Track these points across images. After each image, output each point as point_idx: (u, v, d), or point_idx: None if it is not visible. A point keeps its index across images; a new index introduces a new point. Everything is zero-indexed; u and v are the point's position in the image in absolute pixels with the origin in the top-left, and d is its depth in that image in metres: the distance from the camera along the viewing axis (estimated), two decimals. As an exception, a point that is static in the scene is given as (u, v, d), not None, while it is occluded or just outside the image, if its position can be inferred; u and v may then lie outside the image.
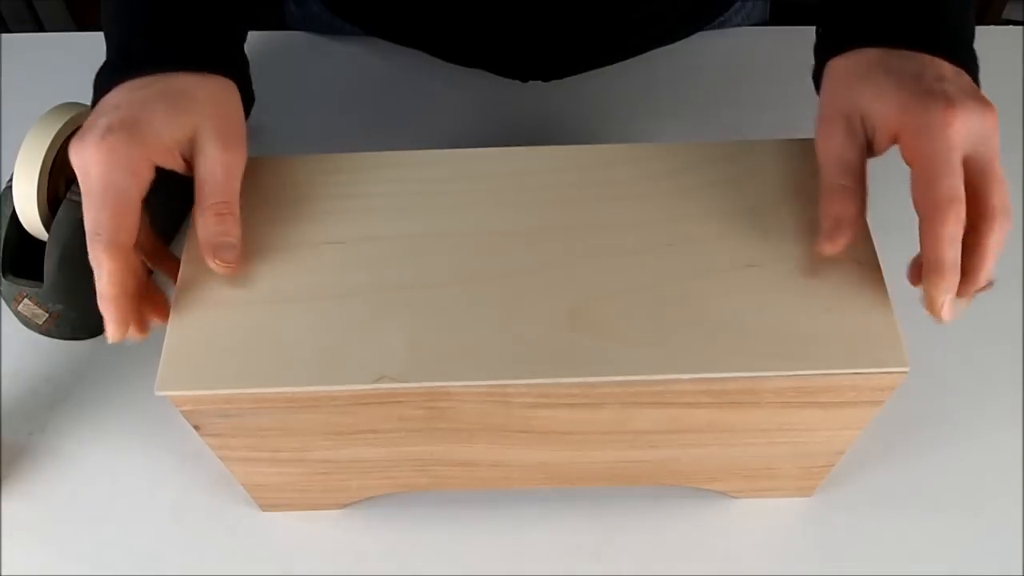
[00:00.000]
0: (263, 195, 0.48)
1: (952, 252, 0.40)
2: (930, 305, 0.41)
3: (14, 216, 0.57)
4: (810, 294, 0.43)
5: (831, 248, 0.43)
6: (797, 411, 0.44)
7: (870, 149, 0.45)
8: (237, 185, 0.45)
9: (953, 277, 0.40)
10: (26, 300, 0.58)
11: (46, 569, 0.53)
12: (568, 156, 0.49)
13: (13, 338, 0.62)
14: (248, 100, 0.50)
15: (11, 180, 0.56)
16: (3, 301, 0.61)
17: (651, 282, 0.43)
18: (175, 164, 0.44)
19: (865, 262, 0.44)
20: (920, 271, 0.41)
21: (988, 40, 0.50)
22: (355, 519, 0.55)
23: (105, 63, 0.48)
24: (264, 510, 0.55)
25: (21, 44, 0.79)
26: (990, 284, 0.42)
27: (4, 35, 0.79)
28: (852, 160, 0.44)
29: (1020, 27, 0.79)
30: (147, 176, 0.43)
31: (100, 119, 0.43)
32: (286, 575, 0.53)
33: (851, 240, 0.43)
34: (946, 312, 0.41)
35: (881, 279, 0.43)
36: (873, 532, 0.54)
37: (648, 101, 0.75)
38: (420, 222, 0.46)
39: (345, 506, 0.55)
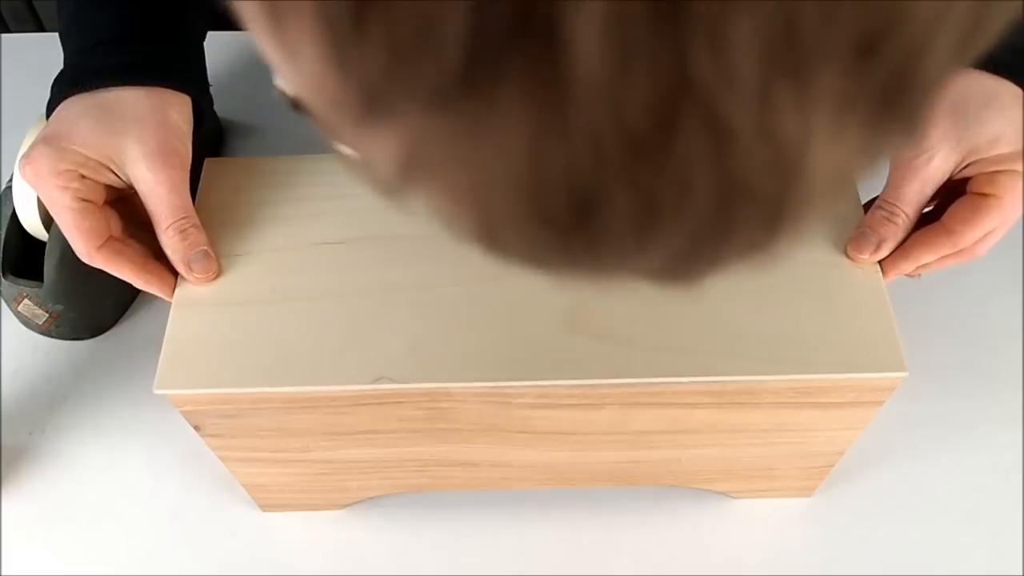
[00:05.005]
0: (262, 195, 0.48)
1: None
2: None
3: (14, 216, 0.57)
4: (809, 297, 0.43)
5: (858, 254, 0.43)
6: (797, 412, 0.44)
7: None
8: (188, 196, 0.45)
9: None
10: (26, 300, 0.58)
11: (46, 569, 0.53)
12: None
13: (13, 338, 0.62)
14: (204, 107, 0.50)
15: (11, 180, 0.56)
16: (3, 301, 0.61)
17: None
18: (107, 179, 0.45)
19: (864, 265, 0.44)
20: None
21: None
22: (355, 519, 0.55)
23: (57, 75, 0.48)
24: (264, 510, 0.55)
25: (21, 44, 0.79)
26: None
27: (4, 35, 0.79)
28: (928, 194, 0.43)
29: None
30: (77, 186, 0.43)
31: (41, 133, 0.44)
32: (286, 575, 0.53)
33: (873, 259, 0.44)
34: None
35: (880, 282, 0.43)
36: (873, 532, 0.54)
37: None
38: (420, 222, 0.46)
39: (345, 506, 0.55)
